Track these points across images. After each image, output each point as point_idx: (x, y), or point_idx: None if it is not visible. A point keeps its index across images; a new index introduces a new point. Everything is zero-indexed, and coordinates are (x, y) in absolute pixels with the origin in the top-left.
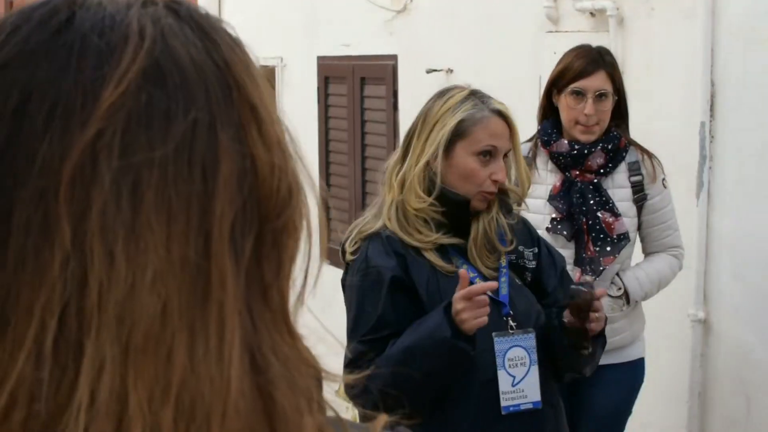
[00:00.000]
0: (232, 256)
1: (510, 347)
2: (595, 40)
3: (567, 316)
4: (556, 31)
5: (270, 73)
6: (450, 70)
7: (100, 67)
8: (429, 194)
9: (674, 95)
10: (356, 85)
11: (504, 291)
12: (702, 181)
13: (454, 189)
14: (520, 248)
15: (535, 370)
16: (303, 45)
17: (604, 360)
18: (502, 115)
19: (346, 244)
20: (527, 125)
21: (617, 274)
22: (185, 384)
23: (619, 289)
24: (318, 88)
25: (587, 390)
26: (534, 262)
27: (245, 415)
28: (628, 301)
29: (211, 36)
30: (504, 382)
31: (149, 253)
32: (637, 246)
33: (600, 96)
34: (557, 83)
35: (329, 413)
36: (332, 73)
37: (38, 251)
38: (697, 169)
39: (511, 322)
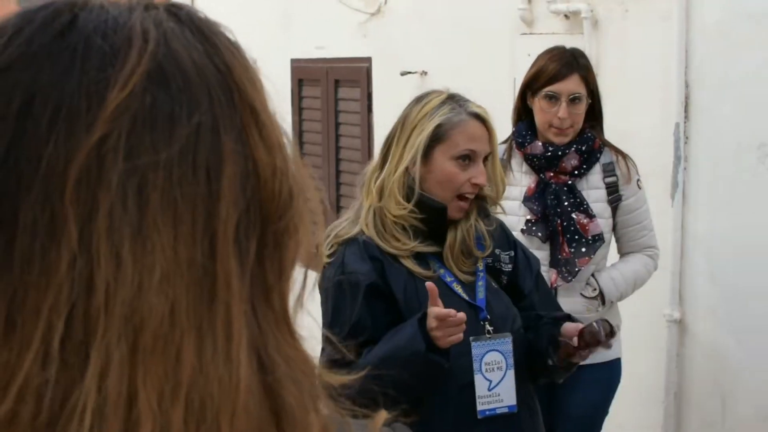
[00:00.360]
0: (236, 258)
1: (487, 351)
2: (569, 43)
3: (567, 336)
4: (531, 33)
5: None
6: (424, 73)
7: (103, 70)
8: (408, 201)
9: (649, 97)
10: (330, 88)
11: (481, 295)
12: (677, 181)
13: (432, 194)
14: (497, 251)
15: (511, 374)
16: (276, 47)
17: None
18: (480, 119)
19: (323, 247)
20: (502, 127)
21: (592, 275)
22: (194, 384)
23: (594, 289)
24: (292, 91)
25: (564, 390)
26: (510, 266)
27: (254, 414)
28: (603, 302)
29: (211, 39)
30: (480, 386)
31: (156, 254)
32: (612, 246)
33: (574, 99)
34: (531, 86)
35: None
36: (306, 76)
37: (45, 253)
38: (672, 170)
39: (488, 327)
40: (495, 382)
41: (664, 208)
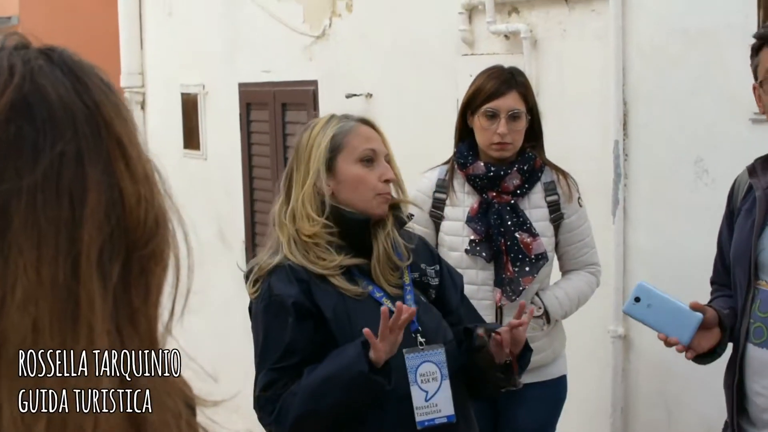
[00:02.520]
0: (100, 280)
1: (421, 363)
2: (509, 63)
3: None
4: (472, 54)
5: (192, 100)
6: (369, 95)
7: None
8: (323, 215)
9: (588, 115)
10: (278, 111)
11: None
12: (617, 198)
13: (350, 205)
14: (423, 266)
15: (446, 385)
16: (224, 72)
17: (527, 379)
18: (368, 123)
19: (247, 284)
20: (446, 147)
21: (537, 294)
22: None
23: (540, 308)
24: (240, 115)
25: (511, 409)
26: (437, 279)
27: (115, 429)
28: (548, 320)
29: (82, 79)
30: (417, 397)
31: (19, 274)
32: (555, 264)
33: (513, 116)
34: (471, 105)
35: None
36: (253, 100)
37: None
38: (613, 187)
39: (420, 338)
40: (431, 393)
41: (605, 225)
